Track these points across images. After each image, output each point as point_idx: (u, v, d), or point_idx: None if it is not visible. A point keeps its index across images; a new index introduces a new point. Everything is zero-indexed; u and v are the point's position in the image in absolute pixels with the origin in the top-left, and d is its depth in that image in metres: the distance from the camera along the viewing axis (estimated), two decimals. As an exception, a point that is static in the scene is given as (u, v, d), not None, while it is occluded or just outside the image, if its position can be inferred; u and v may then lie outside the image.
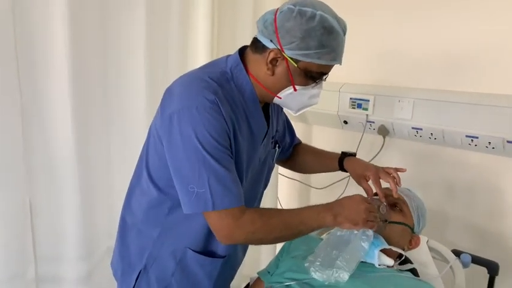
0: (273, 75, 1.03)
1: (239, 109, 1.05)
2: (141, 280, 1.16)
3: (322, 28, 0.96)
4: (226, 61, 1.08)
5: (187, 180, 0.98)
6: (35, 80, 1.29)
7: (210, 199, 0.96)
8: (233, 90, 1.04)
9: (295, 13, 0.96)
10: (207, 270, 1.16)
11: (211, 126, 0.96)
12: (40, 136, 1.33)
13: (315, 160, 1.44)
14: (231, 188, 0.98)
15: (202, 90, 0.98)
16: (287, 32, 0.97)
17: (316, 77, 1.04)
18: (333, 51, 0.99)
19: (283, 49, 0.98)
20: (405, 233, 1.22)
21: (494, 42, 1.55)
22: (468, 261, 1.35)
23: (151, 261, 1.15)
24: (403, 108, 1.74)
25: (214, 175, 0.96)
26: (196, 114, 0.95)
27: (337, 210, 1.05)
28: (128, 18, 1.45)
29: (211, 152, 0.96)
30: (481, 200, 1.68)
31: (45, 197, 1.38)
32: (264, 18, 1.02)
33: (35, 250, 1.39)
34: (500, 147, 1.54)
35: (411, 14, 1.74)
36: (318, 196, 2.19)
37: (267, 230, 1.03)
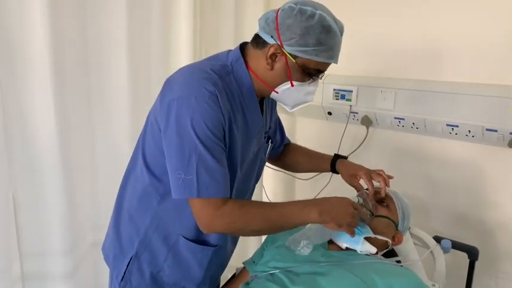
0: (272, 69, 1.07)
1: (236, 102, 1.08)
2: (133, 266, 1.18)
3: (320, 27, 1.01)
4: (227, 55, 1.12)
5: (177, 165, 1.01)
6: (15, 75, 1.27)
7: (196, 186, 0.99)
8: (232, 83, 1.08)
9: (296, 11, 1.01)
10: (198, 258, 1.18)
11: (207, 117, 0.98)
12: (22, 131, 1.32)
13: (307, 161, 1.48)
14: (218, 178, 1.01)
15: (203, 81, 1.01)
16: (287, 29, 1.01)
17: (313, 74, 1.08)
18: (330, 49, 1.04)
19: (283, 45, 1.03)
20: (390, 228, 1.27)
21: (474, 33, 1.58)
22: (448, 246, 1.38)
23: (143, 248, 1.17)
24: (385, 99, 1.77)
25: (203, 164, 0.99)
26: (195, 104, 0.98)
27: (325, 207, 1.07)
28: (108, 16, 1.43)
29: (204, 141, 0.98)
30: (461, 187, 1.72)
31: (28, 192, 1.36)
32: (266, 15, 1.07)
33: (19, 246, 1.37)
34: (479, 135, 1.58)
35: (393, 6, 1.76)
36: (303, 187, 2.22)
37: (245, 221, 1.05)
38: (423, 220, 1.79)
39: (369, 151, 1.94)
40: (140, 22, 1.52)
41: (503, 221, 1.64)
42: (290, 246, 1.14)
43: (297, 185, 2.30)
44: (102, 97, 1.49)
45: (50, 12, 1.25)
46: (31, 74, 1.29)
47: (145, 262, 1.18)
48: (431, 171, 1.79)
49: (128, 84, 1.51)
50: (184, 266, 1.19)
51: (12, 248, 1.35)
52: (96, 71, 1.46)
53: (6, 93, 1.26)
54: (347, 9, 1.88)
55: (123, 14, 1.45)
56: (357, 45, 1.89)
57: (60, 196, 1.40)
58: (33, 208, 1.39)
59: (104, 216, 1.43)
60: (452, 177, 1.74)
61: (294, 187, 2.33)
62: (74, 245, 1.48)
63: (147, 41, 1.58)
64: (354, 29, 1.88)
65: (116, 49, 1.48)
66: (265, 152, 1.31)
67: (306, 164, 1.49)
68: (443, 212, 1.78)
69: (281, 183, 2.36)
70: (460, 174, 1.71)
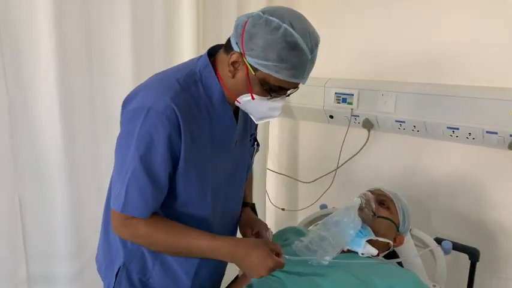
0: (233, 78, 1.02)
1: (203, 112, 1.04)
2: (121, 275, 1.16)
3: (284, 42, 0.93)
4: (197, 62, 1.07)
5: (115, 177, 1.02)
6: (21, 78, 1.29)
7: (123, 202, 0.99)
8: (200, 92, 1.03)
9: (262, 21, 0.94)
10: (184, 267, 1.16)
11: (156, 133, 0.95)
12: (28, 134, 1.34)
13: None
14: (147, 199, 1.00)
15: (161, 95, 0.97)
16: (250, 38, 0.95)
17: (274, 90, 1.00)
18: (293, 67, 0.95)
19: (244, 54, 0.97)
20: (391, 229, 1.28)
21: (474, 36, 1.59)
22: (449, 248, 1.39)
23: (131, 257, 1.15)
24: (386, 102, 1.78)
25: (135, 181, 0.98)
26: (146, 118, 0.95)
27: (239, 256, 1.03)
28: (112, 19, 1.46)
29: (145, 158, 0.96)
30: (462, 189, 1.73)
31: (34, 195, 1.39)
32: (239, 18, 1.01)
33: (25, 249, 1.39)
34: (480, 137, 1.58)
35: (393, 10, 1.78)
36: (306, 190, 2.23)
37: (148, 242, 1.06)
38: (424, 222, 1.80)
39: (370, 154, 1.95)
40: (143, 25, 1.54)
41: (504, 223, 1.65)
42: (301, 254, 1.15)
43: (300, 188, 2.31)
44: (106, 101, 1.51)
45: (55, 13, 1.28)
46: (37, 78, 1.31)
47: (134, 270, 1.16)
48: (432, 174, 1.80)
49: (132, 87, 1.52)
50: (172, 274, 1.17)
51: (19, 250, 1.38)
52: (100, 74, 1.48)
53: (12, 97, 1.28)
54: (347, 13, 1.91)
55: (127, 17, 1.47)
56: (358, 49, 1.91)
57: (65, 199, 1.43)
58: (39, 211, 1.41)
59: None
60: (453, 179, 1.74)
61: (296, 190, 2.34)
62: (80, 248, 1.50)
63: (150, 44, 1.60)
64: (354, 32, 1.91)
65: (120, 52, 1.50)
66: (251, 156, 1.28)
67: None
68: (444, 214, 1.79)
69: (284, 187, 2.38)
70: (461, 176, 1.72)
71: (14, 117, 1.30)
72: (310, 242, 1.18)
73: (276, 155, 2.37)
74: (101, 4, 1.43)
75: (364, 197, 1.28)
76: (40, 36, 1.28)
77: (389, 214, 1.29)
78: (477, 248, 1.47)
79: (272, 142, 2.27)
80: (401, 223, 1.31)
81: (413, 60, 1.76)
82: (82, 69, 1.42)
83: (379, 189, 1.36)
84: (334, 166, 2.01)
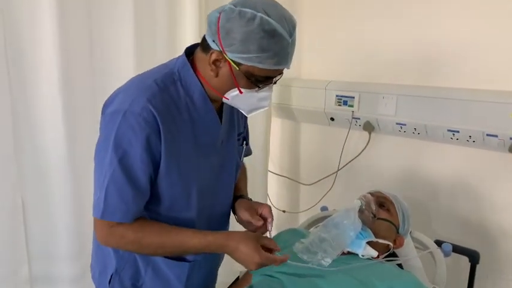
0: (216, 76, 0.99)
1: (183, 113, 1.02)
2: (114, 281, 1.14)
3: (262, 31, 0.91)
4: (176, 62, 1.05)
5: (96, 182, 1.00)
6: (24, 80, 1.30)
7: (102, 207, 0.97)
8: (179, 93, 1.02)
9: (235, 14, 0.92)
10: (175, 272, 1.14)
11: (134, 136, 0.94)
12: (31, 135, 1.35)
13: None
14: (128, 203, 0.98)
15: (137, 97, 0.95)
16: (227, 34, 0.92)
17: (261, 81, 0.99)
18: (275, 55, 0.94)
19: (224, 51, 0.94)
20: (391, 231, 1.29)
21: (474, 39, 1.60)
22: (449, 250, 1.39)
23: (123, 264, 1.13)
24: (387, 105, 1.79)
25: (115, 185, 0.96)
26: (122, 120, 0.94)
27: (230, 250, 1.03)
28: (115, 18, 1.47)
29: (124, 161, 0.95)
30: (462, 192, 1.73)
31: (37, 196, 1.40)
32: (210, 15, 0.97)
33: (28, 249, 1.40)
34: (480, 140, 1.59)
35: (394, 13, 1.79)
36: (307, 192, 2.23)
37: (138, 246, 1.03)
38: (424, 224, 1.80)
39: (371, 156, 1.96)
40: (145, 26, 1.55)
41: (504, 225, 1.65)
42: (302, 256, 1.16)
43: (301, 191, 2.32)
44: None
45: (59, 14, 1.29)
46: (40, 78, 1.32)
47: (126, 276, 1.14)
48: (433, 176, 1.80)
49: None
50: (164, 279, 1.15)
51: (21, 251, 1.38)
52: (102, 75, 1.49)
53: (15, 97, 1.29)
54: (348, 15, 1.92)
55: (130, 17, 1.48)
56: (359, 52, 1.92)
57: (68, 200, 1.44)
58: (42, 212, 1.42)
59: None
60: (453, 181, 1.75)
61: (298, 192, 2.34)
62: (82, 250, 1.51)
63: (153, 44, 1.61)
64: (355, 35, 1.92)
65: (122, 52, 1.51)
66: (240, 155, 1.25)
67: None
68: (445, 216, 1.79)
69: (285, 189, 2.38)
70: (461, 178, 1.73)
71: (17, 118, 1.31)
72: (311, 244, 1.19)
73: (277, 157, 2.38)
74: (103, 4, 1.44)
75: (364, 199, 1.29)
76: (43, 37, 1.29)
77: (389, 216, 1.30)
78: (477, 251, 1.48)
79: (273, 144, 2.28)
80: (401, 225, 1.32)
81: (414, 63, 1.77)
82: (84, 70, 1.43)
83: (379, 192, 1.36)
84: (335, 168, 2.02)
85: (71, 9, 1.34)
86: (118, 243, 1.04)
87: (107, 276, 1.15)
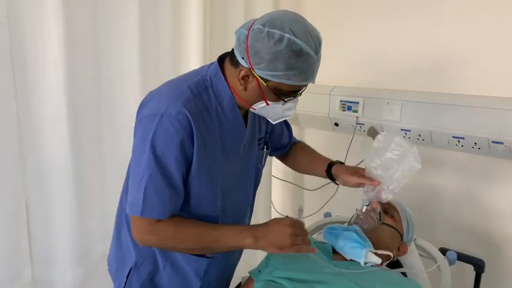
0: (245, 90, 1.05)
1: (213, 118, 1.08)
2: (132, 276, 1.19)
3: (290, 51, 0.95)
4: (208, 69, 1.11)
5: (132, 182, 1.04)
6: (29, 83, 1.31)
7: (141, 205, 1.02)
8: (210, 98, 1.08)
9: (264, 34, 0.96)
10: (193, 267, 1.19)
11: (169, 138, 0.99)
12: (35, 138, 1.36)
13: (306, 160, 1.45)
14: (165, 201, 1.03)
15: (173, 101, 1.01)
16: (256, 53, 0.98)
17: (287, 95, 1.05)
18: (302, 72, 0.99)
19: (253, 68, 1.00)
20: (395, 238, 1.28)
21: (479, 46, 1.59)
22: (454, 258, 1.38)
23: (142, 259, 1.18)
24: (391, 110, 1.78)
25: (153, 185, 1.01)
26: (159, 123, 0.99)
27: (261, 232, 1.05)
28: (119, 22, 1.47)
29: (160, 162, 1.00)
30: (467, 199, 1.72)
31: (41, 200, 1.40)
32: (239, 32, 1.03)
33: (31, 252, 1.41)
34: (485, 147, 1.58)
35: (398, 19, 1.78)
36: (311, 197, 2.22)
37: (177, 241, 1.08)
38: (429, 231, 1.78)
39: (375, 162, 1.94)
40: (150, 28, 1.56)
41: (509, 233, 1.63)
42: None
43: (305, 196, 2.31)
44: (113, 103, 1.53)
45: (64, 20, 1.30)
46: (45, 83, 1.33)
47: (144, 271, 1.19)
48: (437, 183, 1.79)
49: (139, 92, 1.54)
50: (182, 274, 1.20)
51: (24, 254, 1.39)
52: (107, 79, 1.49)
53: (21, 102, 1.30)
54: (353, 21, 1.92)
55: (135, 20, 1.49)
56: (363, 57, 1.92)
57: (71, 204, 1.44)
58: (45, 216, 1.42)
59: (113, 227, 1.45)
60: (458, 189, 1.73)
61: (302, 198, 2.34)
62: (85, 254, 1.51)
63: (157, 49, 1.61)
64: (360, 40, 1.92)
65: (126, 57, 1.51)
66: (260, 159, 1.30)
67: (305, 164, 1.45)
68: (449, 224, 1.77)
69: (289, 195, 2.37)
70: (466, 186, 1.71)
71: (22, 120, 1.31)
72: None
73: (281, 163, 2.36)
74: (108, 8, 1.45)
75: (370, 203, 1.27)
76: (48, 40, 1.30)
77: (393, 222, 1.29)
78: (482, 259, 1.46)
79: (277, 149, 2.27)
80: (406, 232, 1.30)
81: (419, 69, 1.76)
82: (89, 74, 1.44)
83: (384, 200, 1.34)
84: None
85: (75, 13, 1.35)
86: (156, 240, 1.08)
87: (125, 270, 1.20)
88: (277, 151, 1.47)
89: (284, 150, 1.49)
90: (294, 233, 1.03)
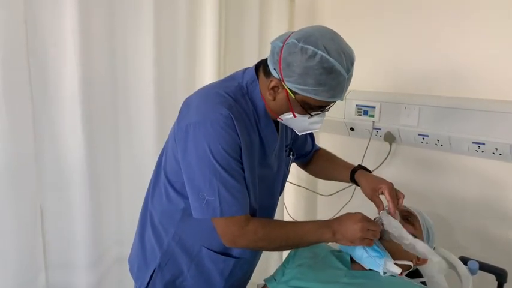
0: (274, 100, 1.08)
1: (252, 122, 1.11)
2: (156, 277, 1.22)
3: (321, 68, 0.97)
4: (243, 76, 1.14)
5: (199, 188, 1.05)
6: (46, 87, 1.31)
7: (219, 207, 1.04)
8: (248, 104, 1.11)
9: (297, 49, 0.98)
10: (219, 268, 1.22)
11: (223, 141, 1.02)
12: (51, 143, 1.36)
13: (329, 167, 1.47)
14: (239, 197, 1.05)
15: (218, 106, 1.04)
16: (287, 66, 1.00)
17: (314, 109, 1.07)
18: (331, 89, 1.01)
19: (283, 80, 1.02)
20: None
21: (499, 49, 1.55)
22: (476, 268, 1.34)
23: (166, 259, 1.21)
24: (409, 115, 1.75)
25: (224, 185, 1.03)
26: (210, 129, 1.01)
27: (336, 227, 1.09)
28: (135, 29, 1.47)
29: (222, 164, 1.02)
30: (488, 206, 1.67)
31: (56, 204, 1.40)
32: (274, 43, 1.05)
33: (45, 257, 1.40)
34: (507, 153, 1.54)
35: (415, 22, 1.75)
36: (325, 203, 2.20)
37: (268, 241, 1.11)
38: (449, 240, 1.74)
39: (392, 168, 1.91)
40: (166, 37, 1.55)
41: (533, 243, 1.59)
42: None
43: (319, 202, 2.28)
44: (128, 107, 1.53)
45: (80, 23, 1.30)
46: (61, 86, 1.33)
47: (168, 273, 1.22)
48: (457, 190, 1.75)
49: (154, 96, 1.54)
50: (207, 275, 1.22)
51: (38, 259, 1.38)
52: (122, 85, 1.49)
53: (37, 107, 1.30)
54: (371, 25, 1.89)
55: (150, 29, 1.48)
56: (380, 62, 1.89)
57: (86, 209, 1.44)
58: (60, 220, 1.42)
59: (128, 231, 1.45)
60: (478, 196, 1.69)
61: (315, 203, 2.31)
62: (99, 258, 1.51)
63: (173, 55, 1.61)
64: (377, 44, 1.89)
65: (143, 64, 1.51)
66: (287, 165, 1.33)
67: (327, 171, 1.48)
68: (470, 232, 1.73)
69: (302, 200, 2.35)
70: (487, 193, 1.67)
71: (38, 124, 1.31)
72: None
73: (295, 167, 2.34)
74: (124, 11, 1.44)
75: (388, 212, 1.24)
76: (64, 43, 1.30)
77: (413, 231, 1.26)
78: (505, 269, 1.42)
79: (291, 154, 2.25)
80: (426, 240, 1.27)
81: (437, 73, 1.73)
82: (105, 76, 1.44)
83: (403, 205, 1.32)
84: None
85: (92, 16, 1.35)
86: (249, 241, 1.09)
87: (148, 270, 1.23)
88: (299, 159, 1.48)
89: (306, 158, 1.50)
90: (364, 227, 1.07)
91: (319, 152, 1.52)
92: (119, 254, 1.57)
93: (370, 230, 1.08)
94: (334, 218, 1.14)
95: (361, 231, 1.07)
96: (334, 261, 1.23)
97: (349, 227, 1.08)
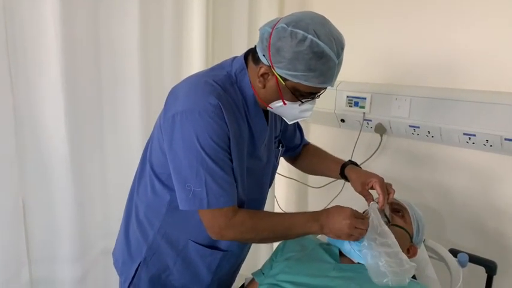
0: (264, 87, 1.06)
1: (241, 112, 1.09)
2: (141, 271, 1.20)
3: (311, 53, 0.95)
4: (231, 64, 1.11)
5: (185, 179, 1.02)
6: (27, 79, 1.27)
7: (206, 198, 1.01)
8: (237, 94, 1.08)
9: (287, 34, 0.96)
10: (206, 261, 1.20)
11: (212, 130, 0.99)
12: (33, 136, 1.32)
13: (318, 162, 1.45)
14: (227, 188, 1.03)
15: (206, 95, 1.01)
16: (277, 51, 0.98)
17: (304, 96, 1.05)
18: (321, 75, 0.99)
19: (273, 66, 1.00)
20: (404, 239, 1.23)
21: (490, 40, 1.54)
22: (465, 260, 1.34)
23: (151, 253, 1.19)
24: (400, 107, 1.73)
25: (211, 176, 1.01)
26: (199, 118, 0.98)
27: (324, 221, 1.08)
28: (120, 18, 1.44)
29: (210, 154, 1.00)
30: (478, 198, 1.67)
31: (38, 198, 1.37)
32: (263, 29, 1.03)
33: (28, 251, 1.38)
34: (498, 145, 1.53)
35: (407, 14, 1.73)
36: (315, 195, 2.19)
37: (255, 232, 1.09)
38: (438, 232, 1.74)
39: (382, 159, 1.90)
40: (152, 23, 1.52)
41: (523, 234, 1.59)
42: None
43: (310, 194, 2.27)
44: (113, 99, 1.49)
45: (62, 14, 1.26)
46: (43, 79, 1.29)
47: (154, 267, 1.20)
48: (447, 181, 1.74)
49: (140, 88, 1.51)
50: (193, 269, 1.21)
51: (22, 253, 1.36)
52: (106, 75, 1.46)
53: (17, 97, 1.26)
54: (361, 16, 1.86)
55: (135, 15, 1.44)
56: (371, 53, 1.86)
57: (70, 202, 1.41)
58: (43, 213, 1.39)
59: (113, 224, 1.43)
60: (469, 187, 1.69)
61: (306, 196, 2.30)
62: (84, 252, 1.48)
63: (159, 42, 1.58)
64: (367, 35, 1.86)
65: (128, 53, 1.47)
66: (276, 157, 1.30)
67: (317, 166, 1.46)
68: (460, 224, 1.73)
69: (293, 192, 2.33)
70: (477, 184, 1.66)
71: (19, 118, 1.28)
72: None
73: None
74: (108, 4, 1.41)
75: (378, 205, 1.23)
76: (46, 36, 1.26)
77: (403, 223, 1.25)
78: (494, 261, 1.42)
79: (282, 146, 2.23)
80: (415, 233, 1.26)
81: (428, 65, 1.71)
82: (88, 70, 1.40)
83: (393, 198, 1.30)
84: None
85: (74, 7, 1.31)
86: (236, 233, 1.07)
87: (133, 265, 1.21)
88: (288, 152, 1.46)
89: (295, 152, 1.47)
90: (352, 225, 1.05)
91: (308, 147, 1.50)
92: (105, 248, 1.54)
93: (357, 228, 1.06)
94: (324, 209, 1.12)
95: (349, 229, 1.05)
96: (322, 254, 1.22)
97: (337, 222, 1.06)
